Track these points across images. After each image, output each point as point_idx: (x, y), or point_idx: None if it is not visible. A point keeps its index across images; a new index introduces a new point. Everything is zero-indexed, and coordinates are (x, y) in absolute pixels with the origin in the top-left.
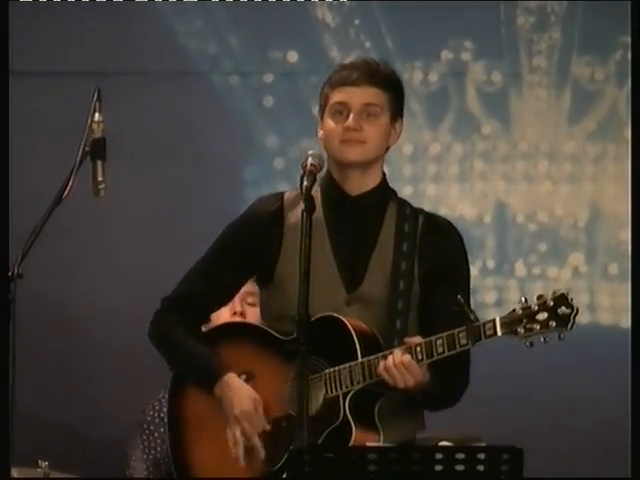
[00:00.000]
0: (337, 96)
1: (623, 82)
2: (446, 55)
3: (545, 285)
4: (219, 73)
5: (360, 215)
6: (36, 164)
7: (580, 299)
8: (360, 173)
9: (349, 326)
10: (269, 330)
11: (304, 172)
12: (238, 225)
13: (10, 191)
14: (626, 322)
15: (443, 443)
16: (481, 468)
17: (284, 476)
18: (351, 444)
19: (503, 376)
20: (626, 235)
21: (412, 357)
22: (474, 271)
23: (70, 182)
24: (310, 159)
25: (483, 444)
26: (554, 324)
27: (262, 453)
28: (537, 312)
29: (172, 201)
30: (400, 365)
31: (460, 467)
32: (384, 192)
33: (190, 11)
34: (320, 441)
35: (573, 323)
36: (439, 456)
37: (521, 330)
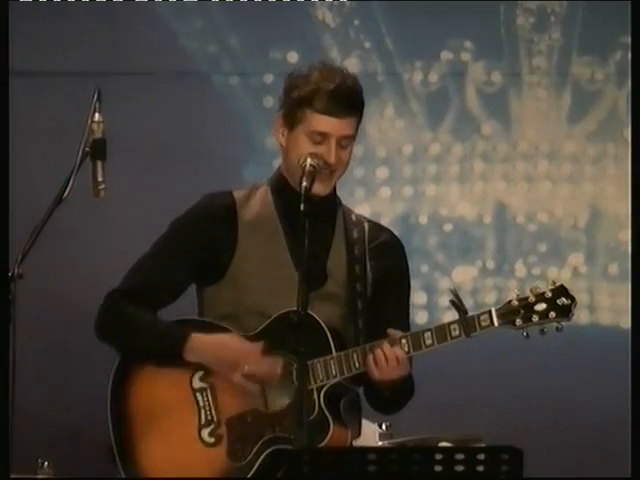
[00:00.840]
0: (318, 124)
1: (623, 82)
2: (446, 55)
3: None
4: (219, 74)
5: (315, 219)
6: (36, 164)
7: (580, 299)
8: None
9: (320, 321)
10: (225, 326)
11: (303, 173)
12: (187, 220)
13: (10, 191)
14: (626, 322)
15: (443, 444)
16: (481, 469)
17: (252, 472)
18: (328, 438)
19: (503, 377)
20: (626, 235)
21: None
22: (474, 272)
23: (70, 182)
24: (309, 160)
25: (483, 444)
26: (554, 315)
27: (279, 367)
28: (535, 303)
29: (172, 201)
30: (393, 358)
31: (460, 468)
32: (334, 199)
33: (190, 11)
34: (293, 435)
35: (573, 314)
36: (439, 457)
37: (519, 321)
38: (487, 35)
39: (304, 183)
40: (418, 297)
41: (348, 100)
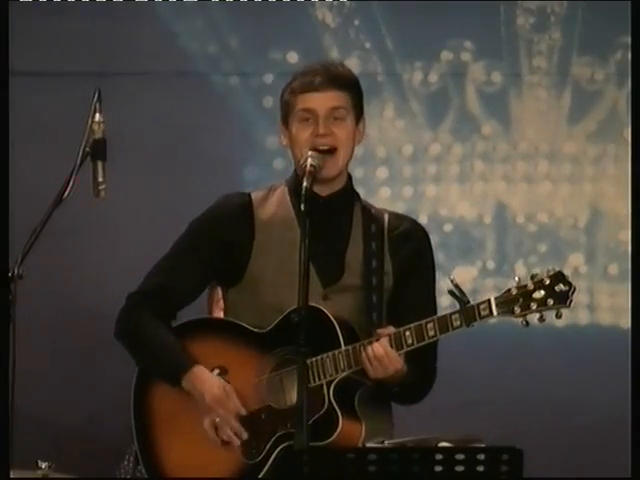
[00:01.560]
0: (302, 103)
1: (623, 82)
2: (446, 55)
3: None
4: (219, 74)
5: (331, 214)
6: (36, 164)
7: (580, 299)
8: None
9: (329, 315)
10: (241, 323)
11: (303, 173)
12: (205, 221)
13: (10, 191)
14: (626, 322)
15: (443, 444)
16: (481, 469)
17: (265, 469)
18: (337, 433)
19: (503, 377)
20: (626, 235)
21: (402, 341)
22: (474, 272)
23: (70, 182)
24: (310, 160)
25: (483, 445)
26: (552, 302)
27: (244, 435)
28: (533, 290)
29: (172, 201)
30: (383, 356)
31: (460, 468)
32: (351, 193)
33: (190, 11)
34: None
35: (571, 300)
36: (439, 457)
37: (517, 309)
38: (487, 35)
39: (304, 183)
40: None
41: (327, 74)
